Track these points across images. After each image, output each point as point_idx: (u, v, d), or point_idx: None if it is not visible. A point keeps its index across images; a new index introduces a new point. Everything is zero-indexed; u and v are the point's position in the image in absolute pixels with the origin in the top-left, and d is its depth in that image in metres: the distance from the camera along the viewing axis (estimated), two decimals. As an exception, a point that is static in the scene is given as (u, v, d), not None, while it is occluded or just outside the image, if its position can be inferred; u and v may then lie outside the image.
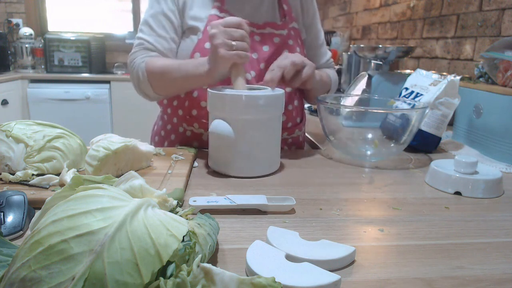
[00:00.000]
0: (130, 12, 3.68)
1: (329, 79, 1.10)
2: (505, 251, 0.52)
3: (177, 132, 1.02)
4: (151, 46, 0.96)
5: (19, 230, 0.51)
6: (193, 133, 0.99)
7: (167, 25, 0.96)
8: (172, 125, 1.03)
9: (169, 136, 1.04)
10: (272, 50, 0.96)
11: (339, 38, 2.75)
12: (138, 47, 0.97)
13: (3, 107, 2.82)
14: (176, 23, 0.97)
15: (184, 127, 1.00)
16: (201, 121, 0.97)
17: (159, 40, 0.96)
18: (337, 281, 0.41)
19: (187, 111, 0.98)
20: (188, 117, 0.98)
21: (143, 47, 0.97)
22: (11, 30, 3.40)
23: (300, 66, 0.84)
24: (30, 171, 0.68)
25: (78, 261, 0.30)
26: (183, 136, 1.01)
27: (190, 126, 0.99)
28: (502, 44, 1.10)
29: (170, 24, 0.97)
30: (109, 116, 3.18)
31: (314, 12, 1.10)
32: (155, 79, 0.93)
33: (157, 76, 0.92)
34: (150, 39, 0.96)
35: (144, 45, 0.96)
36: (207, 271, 0.32)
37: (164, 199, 0.45)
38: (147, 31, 0.97)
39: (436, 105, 0.98)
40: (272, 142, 0.80)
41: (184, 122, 0.99)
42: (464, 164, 0.73)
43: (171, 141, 1.03)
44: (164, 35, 0.96)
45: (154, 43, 0.96)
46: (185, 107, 0.98)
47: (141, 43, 0.97)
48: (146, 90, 0.96)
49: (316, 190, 0.72)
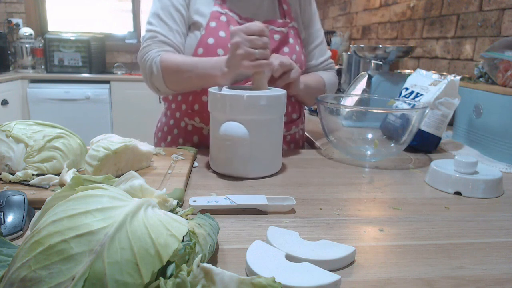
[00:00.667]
0: (130, 12, 3.68)
1: (321, 84, 1.08)
2: (505, 251, 0.52)
3: (179, 127, 1.03)
4: (165, 39, 0.94)
5: (19, 230, 0.51)
6: (194, 127, 1.00)
7: (178, 18, 0.95)
8: (174, 120, 1.04)
9: (172, 131, 1.05)
10: (272, 47, 0.96)
11: (339, 38, 2.75)
12: (151, 40, 0.95)
13: (3, 107, 2.82)
14: (185, 16, 0.96)
15: (186, 122, 1.01)
16: (202, 115, 0.97)
17: (173, 34, 0.95)
18: (337, 281, 0.41)
19: (189, 106, 0.99)
20: (190, 111, 0.99)
21: (157, 40, 0.94)
22: (11, 30, 3.40)
23: (288, 68, 0.87)
24: (30, 171, 0.68)
25: (78, 261, 0.30)
26: (185, 130, 1.02)
27: (191, 120, 0.99)
28: (502, 44, 1.10)
29: (181, 17, 0.96)
30: (109, 116, 3.18)
31: (312, 12, 1.10)
32: (169, 75, 0.91)
33: (172, 72, 0.91)
34: (163, 31, 0.94)
35: (158, 38, 0.94)
36: (207, 271, 0.32)
37: (164, 199, 0.45)
38: (158, 23, 0.95)
39: (436, 105, 0.98)
40: (274, 143, 0.79)
41: (186, 117, 1.00)
42: (464, 164, 0.73)
43: (174, 136, 1.04)
44: (177, 28, 0.95)
45: (169, 36, 0.94)
46: (189, 101, 0.99)
47: (154, 35, 0.95)
48: (158, 84, 0.95)
49: (316, 190, 0.72)
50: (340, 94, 1.46)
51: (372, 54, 1.56)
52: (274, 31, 0.98)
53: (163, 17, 0.95)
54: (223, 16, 0.95)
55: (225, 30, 0.94)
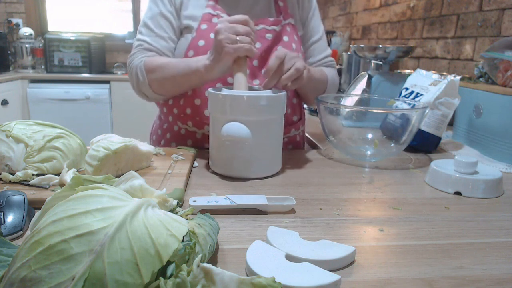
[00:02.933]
0: (130, 12, 3.68)
1: (324, 77, 1.04)
2: (505, 251, 0.52)
3: (173, 131, 1.02)
4: (149, 46, 0.97)
5: (19, 230, 0.51)
6: (187, 131, 0.99)
7: (165, 25, 0.97)
8: (168, 123, 1.03)
9: (165, 134, 1.04)
10: (264, 46, 0.96)
11: (339, 38, 2.75)
12: (137, 49, 0.98)
13: (3, 107, 2.82)
14: (174, 23, 0.98)
15: (178, 126, 1.00)
16: (195, 119, 0.96)
17: (157, 40, 0.97)
18: (337, 281, 0.41)
19: (181, 110, 0.98)
20: (183, 115, 0.98)
21: (141, 48, 0.97)
22: (11, 30, 3.40)
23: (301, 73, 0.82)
24: (30, 171, 0.68)
25: (78, 261, 0.30)
26: (178, 134, 1.01)
27: (184, 124, 0.99)
28: (502, 44, 1.10)
29: (169, 24, 0.97)
30: (109, 116, 3.18)
31: (311, 7, 1.09)
32: (153, 77, 0.93)
33: (155, 73, 0.92)
34: (149, 39, 0.97)
35: (143, 46, 0.97)
36: (207, 271, 0.32)
37: (164, 199, 0.45)
38: (146, 32, 0.98)
39: (436, 105, 0.98)
40: (274, 144, 0.79)
41: (178, 121, 0.99)
42: (464, 164, 0.73)
43: (167, 140, 1.04)
44: (163, 34, 0.97)
45: (153, 42, 0.97)
46: (180, 105, 0.98)
47: (140, 44, 0.98)
48: (144, 89, 0.96)
49: (316, 190, 0.72)
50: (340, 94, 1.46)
51: (372, 54, 1.56)
52: (266, 30, 0.97)
53: (151, 26, 0.97)
54: (215, 18, 0.95)
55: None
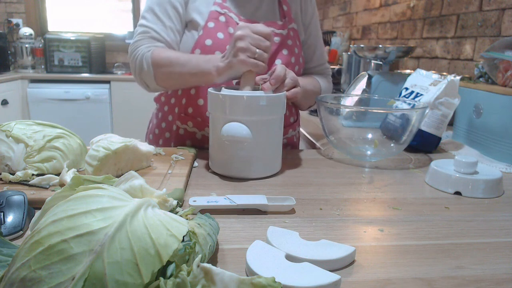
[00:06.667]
0: (130, 12, 3.68)
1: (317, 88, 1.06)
2: (505, 251, 0.52)
3: (172, 130, 1.01)
4: (158, 35, 0.92)
5: (19, 230, 0.51)
6: (186, 131, 0.98)
7: (173, 15, 0.93)
8: (166, 123, 1.02)
9: (163, 134, 1.03)
10: (272, 50, 0.96)
11: (339, 38, 2.75)
12: (142, 35, 0.93)
13: (3, 107, 2.82)
14: (182, 13, 0.94)
15: (177, 125, 0.99)
16: (196, 120, 0.95)
17: (166, 31, 0.93)
18: (337, 281, 0.41)
19: (183, 109, 0.97)
20: (183, 115, 0.97)
21: (149, 36, 0.93)
22: (11, 30, 3.40)
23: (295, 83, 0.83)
24: (30, 171, 0.68)
25: (78, 261, 0.30)
26: (177, 134, 0.99)
27: (184, 124, 0.97)
28: (502, 44, 1.10)
29: (177, 14, 0.94)
30: (109, 116, 3.18)
31: (313, 13, 1.09)
32: (160, 70, 0.89)
33: (164, 67, 0.88)
34: (157, 28, 0.93)
35: (150, 34, 0.93)
36: (207, 271, 0.32)
37: (164, 199, 0.45)
38: (152, 19, 0.93)
39: (436, 105, 0.98)
40: (274, 144, 0.79)
41: (178, 120, 0.98)
42: (464, 164, 0.73)
43: (166, 139, 1.02)
44: (171, 25, 0.93)
45: (161, 33, 0.92)
46: (182, 104, 0.97)
47: (146, 31, 0.93)
48: (147, 80, 0.93)
49: (316, 190, 0.72)
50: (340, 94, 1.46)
51: (372, 54, 1.56)
52: (274, 33, 0.97)
53: (158, 13, 0.93)
54: (222, 17, 0.93)
55: (223, 32, 0.92)
